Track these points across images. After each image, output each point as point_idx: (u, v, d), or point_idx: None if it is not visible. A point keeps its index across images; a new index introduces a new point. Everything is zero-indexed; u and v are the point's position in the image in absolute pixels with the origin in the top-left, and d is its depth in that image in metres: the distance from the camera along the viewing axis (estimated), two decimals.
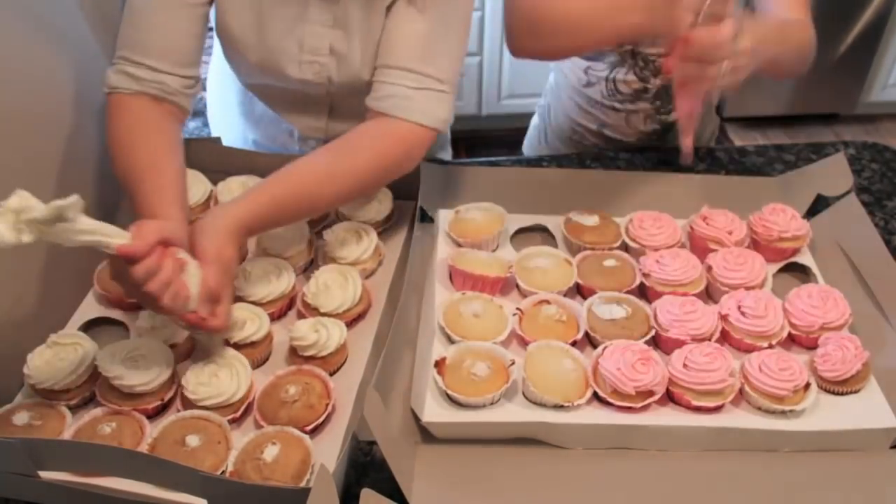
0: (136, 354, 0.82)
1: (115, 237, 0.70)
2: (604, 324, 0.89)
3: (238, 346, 0.85)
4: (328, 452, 0.78)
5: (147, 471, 0.72)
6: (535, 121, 1.44)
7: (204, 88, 1.19)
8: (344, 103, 1.08)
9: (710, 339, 0.88)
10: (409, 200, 1.07)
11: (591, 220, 1.04)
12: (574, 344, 0.88)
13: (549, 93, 1.38)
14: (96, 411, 0.80)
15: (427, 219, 1.10)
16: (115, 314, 0.94)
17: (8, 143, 0.84)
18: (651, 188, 1.15)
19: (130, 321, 0.92)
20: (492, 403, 0.82)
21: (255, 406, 0.81)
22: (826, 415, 0.83)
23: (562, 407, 0.82)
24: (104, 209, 0.97)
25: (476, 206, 1.05)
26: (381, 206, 1.04)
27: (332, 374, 0.85)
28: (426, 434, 0.82)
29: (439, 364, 0.84)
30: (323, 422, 0.80)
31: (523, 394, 0.84)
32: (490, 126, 3.13)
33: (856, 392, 0.85)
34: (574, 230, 1.04)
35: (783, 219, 1.01)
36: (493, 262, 0.97)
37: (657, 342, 0.91)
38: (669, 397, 0.84)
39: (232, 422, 0.79)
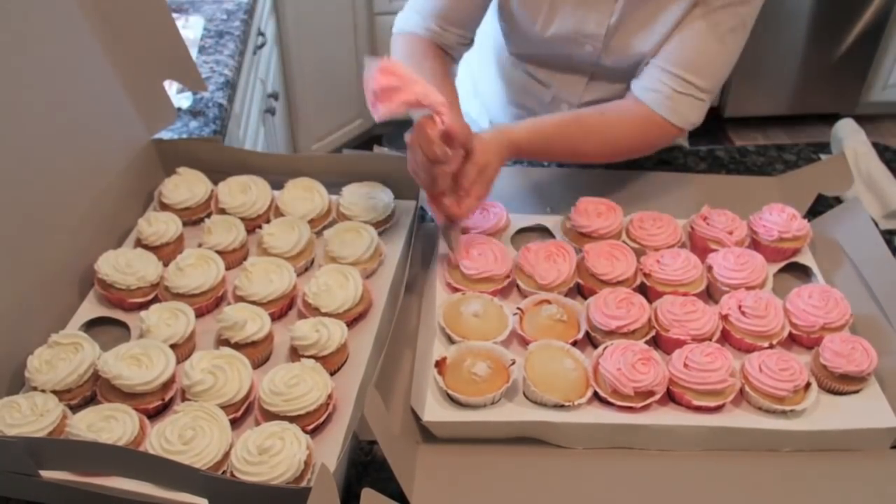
0: (137, 354, 0.82)
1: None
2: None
3: (238, 346, 0.85)
4: (329, 452, 0.78)
5: (147, 470, 0.72)
6: None
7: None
8: (604, 73, 1.14)
9: (710, 339, 0.88)
10: (409, 200, 1.07)
11: None
12: (574, 344, 0.88)
13: None
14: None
15: (427, 218, 1.10)
16: (116, 314, 0.94)
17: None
18: (651, 188, 1.15)
19: (131, 321, 0.92)
20: (492, 403, 0.82)
21: (255, 405, 0.81)
22: (826, 415, 0.83)
23: (562, 406, 0.82)
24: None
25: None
26: (382, 205, 1.04)
27: (332, 374, 0.85)
28: (427, 433, 0.82)
29: (440, 364, 0.84)
30: (323, 421, 0.80)
31: (524, 393, 0.84)
32: None
33: (856, 392, 0.85)
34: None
35: (783, 219, 1.01)
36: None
37: (658, 342, 0.91)
38: (670, 397, 0.84)
39: (233, 421, 0.79)
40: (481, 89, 1.35)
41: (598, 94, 1.16)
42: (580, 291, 0.99)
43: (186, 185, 1.05)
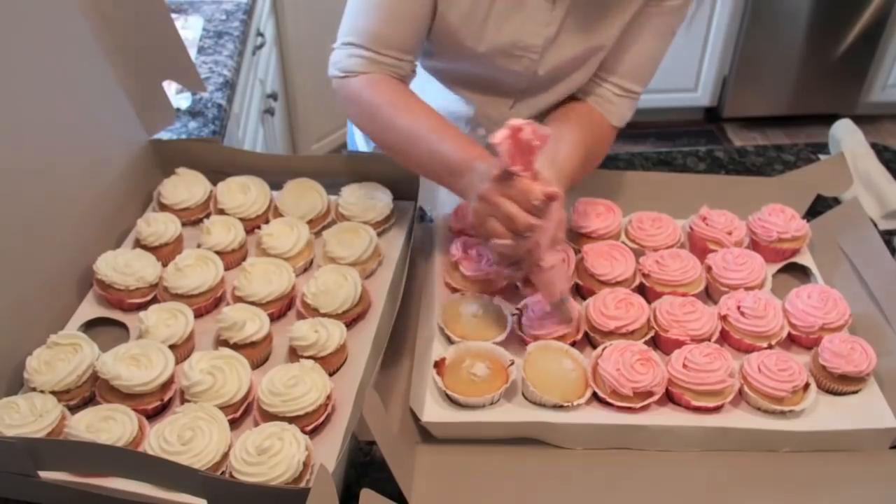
0: (136, 354, 0.82)
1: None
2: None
3: (238, 347, 0.85)
4: (328, 452, 0.78)
5: (147, 471, 0.72)
6: None
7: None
8: (535, 89, 1.10)
9: (709, 340, 0.88)
10: (408, 200, 1.07)
11: None
12: (574, 344, 0.88)
13: None
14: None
15: (427, 219, 1.10)
16: (115, 314, 0.94)
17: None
18: (650, 188, 1.15)
19: (130, 321, 0.92)
20: (491, 403, 0.82)
21: (254, 406, 0.81)
22: (826, 415, 0.83)
23: (561, 407, 0.82)
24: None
25: None
26: (381, 206, 1.04)
27: (331, 375, 0.85)
28: (426, 434, 0.82)
29: (439, 364, 0.84)
30: (323, 422, 0.80)
31: (523, 394, 0.84)
32: None
33: (855, 392, 0.85)
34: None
35: (782, 219, 1.01)
36: None
37: (657, 342, 0.91)
38: (669, 397, 0.84)
39: (232, 422, 0.79)
40: None
41: (524, 115, 1.10)
42: (579, 292, 0.99)
43: (185, 186, 1.05)
